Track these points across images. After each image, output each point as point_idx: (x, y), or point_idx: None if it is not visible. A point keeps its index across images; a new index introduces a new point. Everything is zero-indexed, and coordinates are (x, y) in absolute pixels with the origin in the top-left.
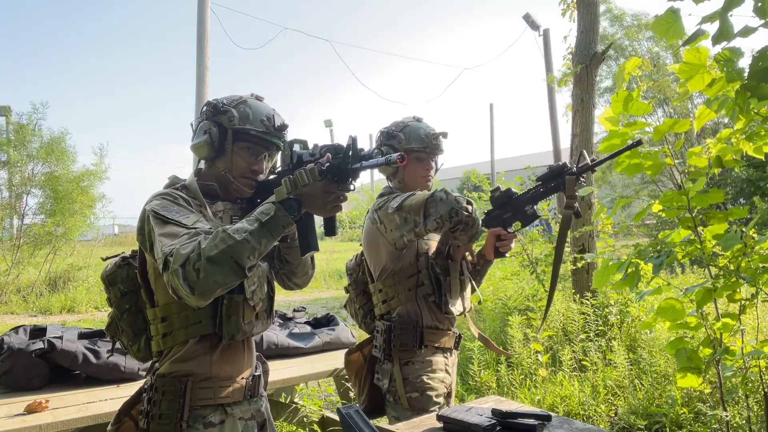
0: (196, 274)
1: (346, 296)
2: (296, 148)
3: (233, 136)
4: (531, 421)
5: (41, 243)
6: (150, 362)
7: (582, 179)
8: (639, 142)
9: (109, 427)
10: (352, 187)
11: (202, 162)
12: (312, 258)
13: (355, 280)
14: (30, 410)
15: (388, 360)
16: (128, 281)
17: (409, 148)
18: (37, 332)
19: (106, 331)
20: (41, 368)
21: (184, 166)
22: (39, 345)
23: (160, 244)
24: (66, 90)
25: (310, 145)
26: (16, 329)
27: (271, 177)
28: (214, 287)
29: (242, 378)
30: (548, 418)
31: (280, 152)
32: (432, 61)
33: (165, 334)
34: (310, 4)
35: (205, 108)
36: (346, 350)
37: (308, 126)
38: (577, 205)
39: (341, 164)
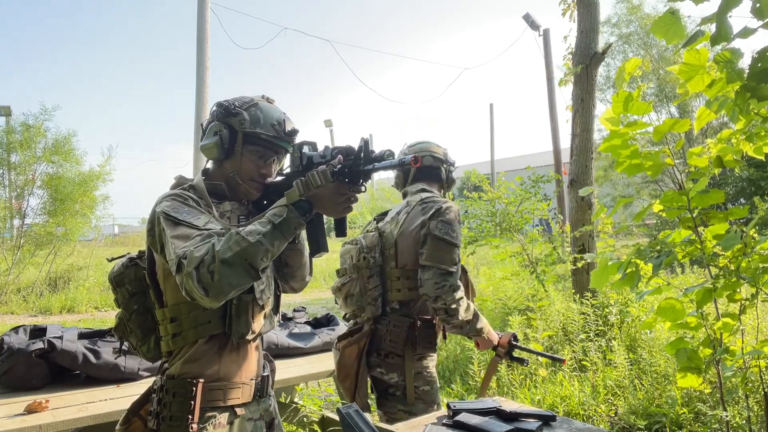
0: (210, 276)
1: None
2: (305, 150)
3: (243, 139)
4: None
5: (42, 243)
6: (158, 363)
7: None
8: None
9: (117, 427)
10: (363, 188)
11: (210, 162)
12: (310, 263)
13: (374, 261)
14: (30, 410)
15: (397, 354)
16: (136, 282)
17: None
18: (37, 332)
19: (114, 332)
20: (41, 368)
21: (184, 166)
22: (39, 345)
23: (172, 246)
24: (63, 90)
25: (320, 147)
26: (16, 329)
27: (279, 179)
28: (228, 289)
29: (251, 379)
30: (552, 418)
31: (289, 154)
32: (432, 61)
33: (174, 335)
34: (310, 4)
35: (215, 109)
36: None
37: (308, 126)
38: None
39: (353, 166)
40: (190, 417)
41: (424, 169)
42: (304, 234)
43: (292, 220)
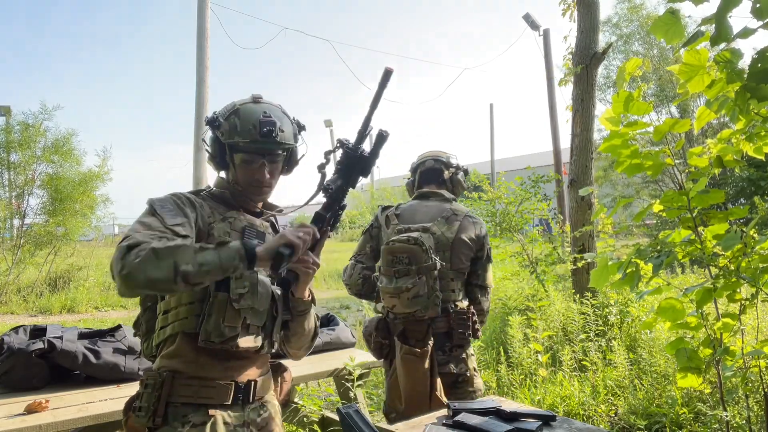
0: (135, 257)
1: (347, 296)
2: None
3: (229, 149)
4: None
5: (42, 243)
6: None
7: None
8: None
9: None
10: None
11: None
12: (313, 338)
13: (438, 263)
14: (30, 410)
15: (459, 347)
16: None
17: None
18: (37, 332)
19: (133, 327)
20: (41, 368)
21: (184, 166)
22: (39, 345)
23: (132, 226)
24: (63, 90)
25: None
26: (16, 329)
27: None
28: (142, 277)
29: (232, 380)
30: (552, 418)
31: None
32: (432, 61)
33: (161, 327)
34: (310, 4)
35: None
36: (411, 355)
37: (308, 126)
38: None
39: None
40: (154, 409)
41: (426, 171)
42: (315, 312)
43: (233, 248)
